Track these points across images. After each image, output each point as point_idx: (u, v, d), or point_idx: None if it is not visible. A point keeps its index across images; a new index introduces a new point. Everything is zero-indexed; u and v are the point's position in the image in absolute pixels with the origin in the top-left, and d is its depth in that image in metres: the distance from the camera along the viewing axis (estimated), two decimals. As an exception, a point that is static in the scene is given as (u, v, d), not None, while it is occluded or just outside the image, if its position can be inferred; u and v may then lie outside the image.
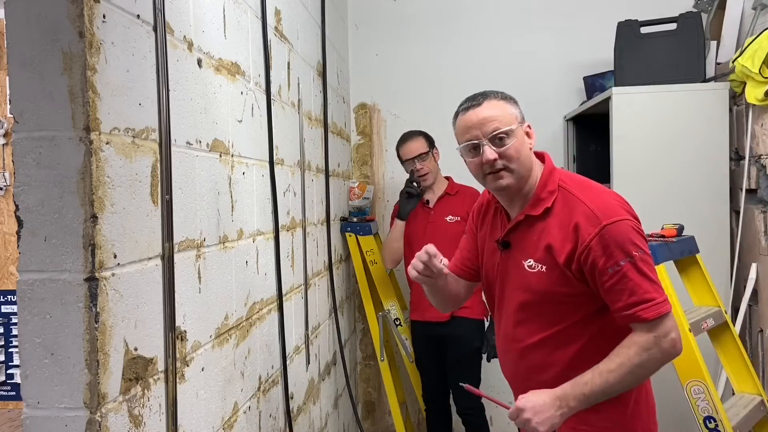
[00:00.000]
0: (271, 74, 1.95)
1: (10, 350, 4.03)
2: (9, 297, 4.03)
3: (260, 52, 1.87)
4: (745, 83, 2.43)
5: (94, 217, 0.97)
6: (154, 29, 1.19)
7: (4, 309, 4.05)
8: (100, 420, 0.98)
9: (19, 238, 0.97)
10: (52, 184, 0.97)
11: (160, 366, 1.18)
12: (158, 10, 1.20)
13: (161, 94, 1.19)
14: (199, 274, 1.38)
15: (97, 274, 0.98)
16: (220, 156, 1.53)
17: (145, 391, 1.13)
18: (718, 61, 2.83)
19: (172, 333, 1.21)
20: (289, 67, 2.21)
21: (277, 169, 2.01)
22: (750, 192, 2.53)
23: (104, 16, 1.01)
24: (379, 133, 3.59)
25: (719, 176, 2.58)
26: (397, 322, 3.10)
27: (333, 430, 2.81)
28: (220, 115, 1.54)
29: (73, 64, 0.96)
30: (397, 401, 3.15)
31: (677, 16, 2.70)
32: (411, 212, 2.88)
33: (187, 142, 1.34)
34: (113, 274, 1.02)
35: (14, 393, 4.04)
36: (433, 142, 2.89)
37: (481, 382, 2.86)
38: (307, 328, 2.35)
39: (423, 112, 3.40)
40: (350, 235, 3.13)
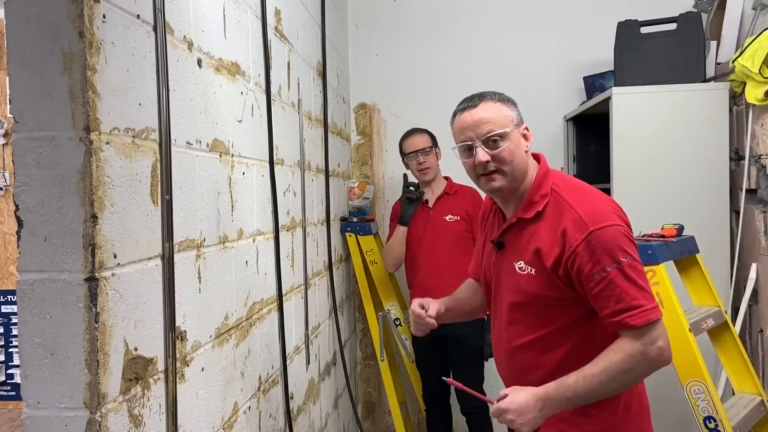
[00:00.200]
0: (271, 74, 1.95)
1: (10, 350, 4.03)
2: (9, 297, 4.03)
3: (260, 52, 1.87)
4: (745, 83, 2.43)
5: (94, 217, 0.97)
6: (154, 29, 1.19)
7: (4, 309, 4.05)
8: (100, 420, 0.98)
9: (19, 238, 0.97)
10: (52, 184, 0.97)
11: (160, 366, 1.18)
12: (158, 10, 1.20)
13: (161, 94, 1.19)
14: (199, 274, 1.38)
15: (97, 274, 0.98)
16: (220, 156, 1.53)
17: (145, 391, 1.13)
18: (718, 61, 2.83)
19: (172, 333, 1.21)
20: (289, 67, 2.21)
21: (277, 169, 2.01)
22: (750, 192, 2.53)
23: (104, 16, 1.01)
24: (379, 133, 3.59)
25: (719, 176, 2.58)
26: (397, 322, 3.10)
27: (333, 430, 2.81)
28: (220, 115, 1.54)
29: (73, 64, 0.96)
30: (397, 401, 3.15)
31: (677, 16, 2.70)
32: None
33: (187, 142, 1.34)
34: (113, 274, 1.02)
35: (14, 393, 4.04)
36: (437, 141, 2.90)
37: (484, 382, 2.85)
38: (307, 328, 2.35)
39: (423, 112, 3.40)
40: (350, 235, 3.14)
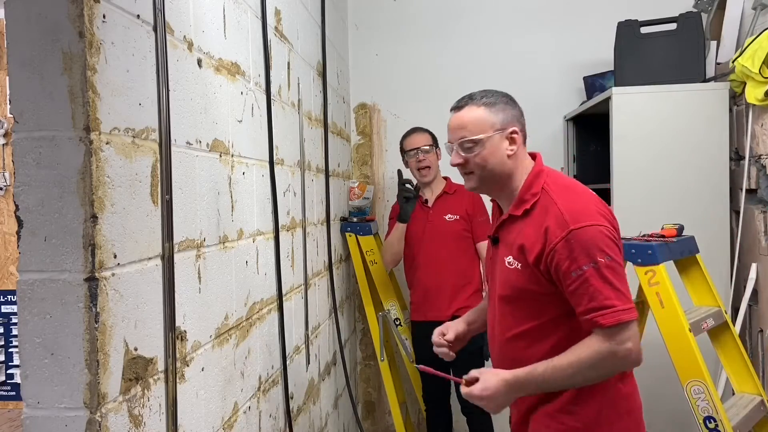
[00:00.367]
0: (271, 74, 1.95)
1: (10, 350, 4.03)
2: (9, 297, 4.03)
3: (260, 52, 1.87)
4: (745, 83, 2.43)
5: (94, 217, 0.97)
6: (154, 29, 1.19)
7: (4, 309, 4.05)
8: (100, 420, 0.98)
9: (19, 238, 0.97)
10: (52, 184, 0.97)
11: (160, 366, 1.18)
12: (158, 10, 1.20)
13: (161, 94, 1.19)
14: (199, 274, 1.38)
15: (97, 274, 0.98)
16: (220, 156, 1.53)
17: (145, 391, 1.13)
18: (718, 61, 2.83)
19: (172, 333, 1.21)
20: (289, 67, 2.21)
21: (277, 169, 2.01)
22: (750, 192, 2.53)
23: (104, 16, 1.01)
24: (379, 133, 3.59)
25: (719, 176, 2.58)
26: (397, 322, 3.10)
27: (333, 430, 2.81)
28: (220, 115, 1.54)
29: (73, 64, 0.96)
30: (397, 401, 3.15)
31: (677, 16, 2.70)
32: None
33: (187, 142, 1.34)
34: (113, 274, 1.02)
35: (14, 393, 4.04)
36: (437, 142, 2.90)
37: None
38: (307, 328, 2.35)
39: (423, 112, 3.39)
40: (350, 235, 3.13)
